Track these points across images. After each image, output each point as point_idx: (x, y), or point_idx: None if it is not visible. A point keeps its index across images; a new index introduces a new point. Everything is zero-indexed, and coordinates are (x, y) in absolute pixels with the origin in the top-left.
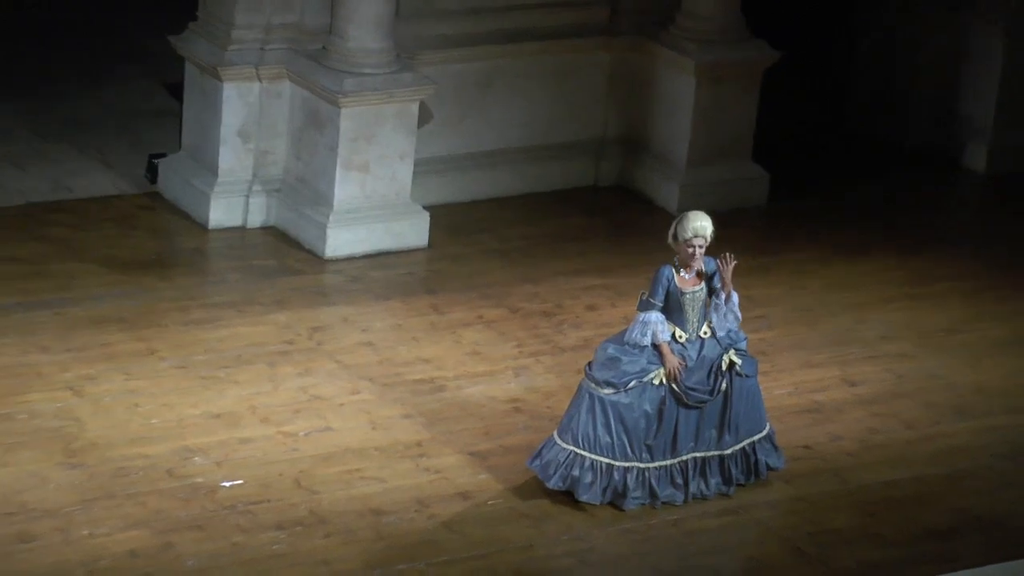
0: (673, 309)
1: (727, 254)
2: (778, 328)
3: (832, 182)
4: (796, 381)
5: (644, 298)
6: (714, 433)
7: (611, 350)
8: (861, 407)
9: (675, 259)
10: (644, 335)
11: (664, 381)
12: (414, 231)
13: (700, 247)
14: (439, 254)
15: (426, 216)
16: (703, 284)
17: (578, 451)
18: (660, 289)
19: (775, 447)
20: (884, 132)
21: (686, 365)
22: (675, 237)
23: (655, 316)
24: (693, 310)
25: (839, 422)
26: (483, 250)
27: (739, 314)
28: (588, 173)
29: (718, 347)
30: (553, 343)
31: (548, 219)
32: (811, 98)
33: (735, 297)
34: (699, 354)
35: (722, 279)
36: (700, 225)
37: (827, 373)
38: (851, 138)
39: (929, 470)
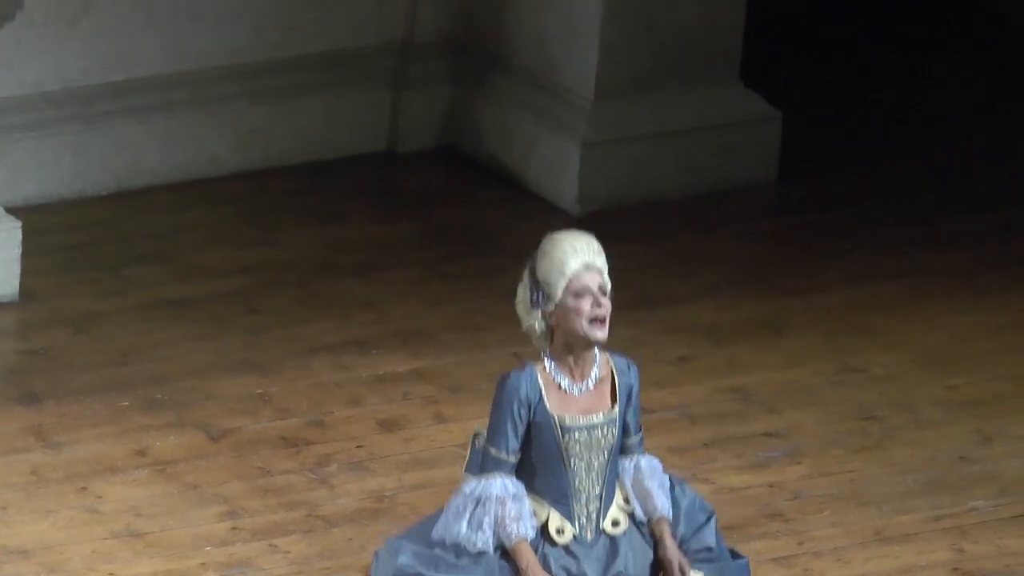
0: (545, 464)
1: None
2: (811, 456)
3: (912, 118)
4: None
5: (479, 447)
6: None
7: (406, 560)
8: None
9: (543, 353)
10: (477, 528)
11: None
12: None
13: (601, 292)
14: (47, 313)
15: (15, 229)
16: (613, 408)
17: None
18: (509, 423)
19: None
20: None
21: None
22: (538, 293)
23: (500, 485)
24: (589, 469)
25: None
26: (144, 302)
27: (668, 509)
28: (377, 123)
29: (648, 551)
30: (308, 507)
31: (291, 228)
32: None
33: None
34: (607, 569)
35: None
36: (583, 248)
37: (920, 555)
38: (951, 22)
39: None
